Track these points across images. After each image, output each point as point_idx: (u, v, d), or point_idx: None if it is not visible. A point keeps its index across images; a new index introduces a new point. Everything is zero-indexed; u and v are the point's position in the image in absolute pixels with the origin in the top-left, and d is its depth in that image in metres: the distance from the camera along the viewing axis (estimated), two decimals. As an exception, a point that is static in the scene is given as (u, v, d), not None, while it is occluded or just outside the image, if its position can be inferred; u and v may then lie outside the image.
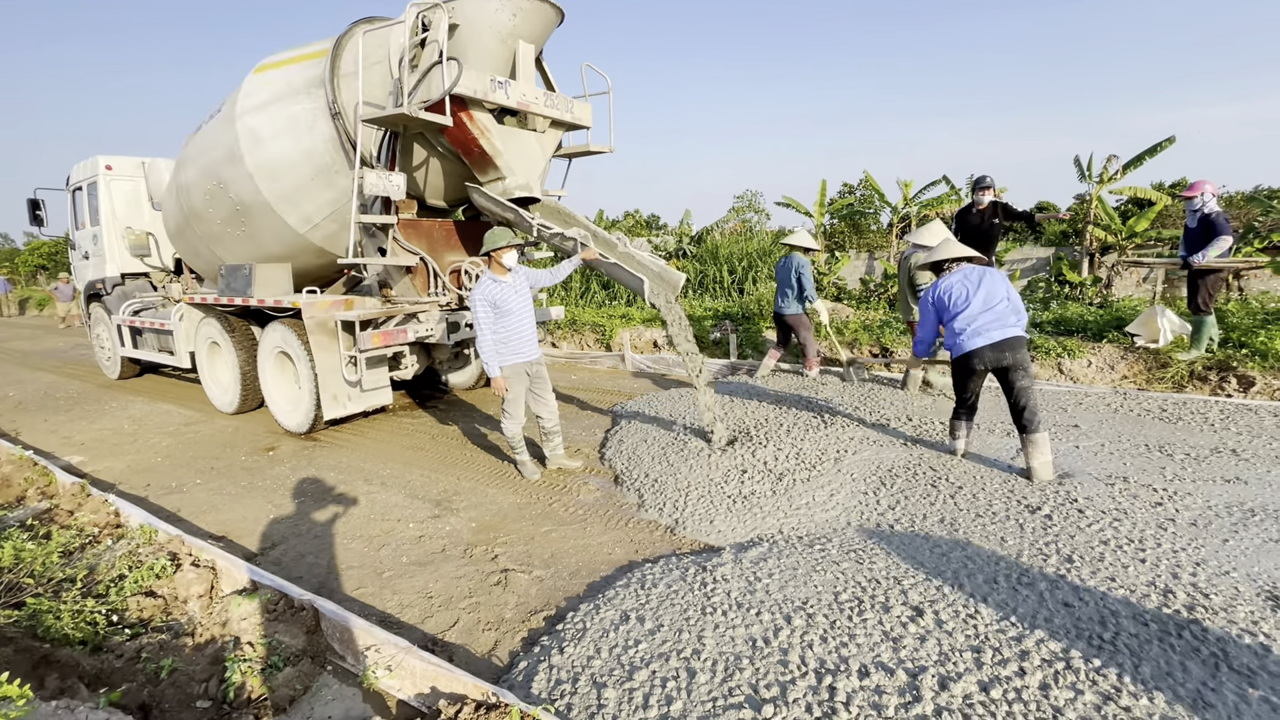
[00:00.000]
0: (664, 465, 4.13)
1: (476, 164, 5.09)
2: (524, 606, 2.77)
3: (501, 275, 3.99)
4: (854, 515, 3.26)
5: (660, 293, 4.56)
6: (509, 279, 4.01)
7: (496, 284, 3.96)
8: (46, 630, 2.30)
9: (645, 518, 3.56)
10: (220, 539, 3.62)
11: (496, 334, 3.97)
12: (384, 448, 5.16)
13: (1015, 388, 3.54)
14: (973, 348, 3.56)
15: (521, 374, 4.14)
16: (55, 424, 6.38)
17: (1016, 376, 3.53)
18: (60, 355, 10.99)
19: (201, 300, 6.37)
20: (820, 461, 3.91)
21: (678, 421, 5.07)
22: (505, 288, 3.97)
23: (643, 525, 3.48)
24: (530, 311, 4.18)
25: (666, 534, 3.34)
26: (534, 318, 4.21)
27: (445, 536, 3.48)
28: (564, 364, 8.56)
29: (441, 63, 4.38)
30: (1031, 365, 3.79)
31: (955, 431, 3.95)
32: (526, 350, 4.12)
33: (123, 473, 4.85)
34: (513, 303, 4.00)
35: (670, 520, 3.45)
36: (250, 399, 6.23)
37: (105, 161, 7.78)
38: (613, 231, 5.34)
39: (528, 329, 4.11)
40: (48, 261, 30.60)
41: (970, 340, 3.56)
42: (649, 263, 4.88)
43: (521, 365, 4.12)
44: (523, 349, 4.10)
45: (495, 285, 3.95)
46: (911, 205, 16.35)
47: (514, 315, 4.01)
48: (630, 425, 5.18)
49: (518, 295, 4.05)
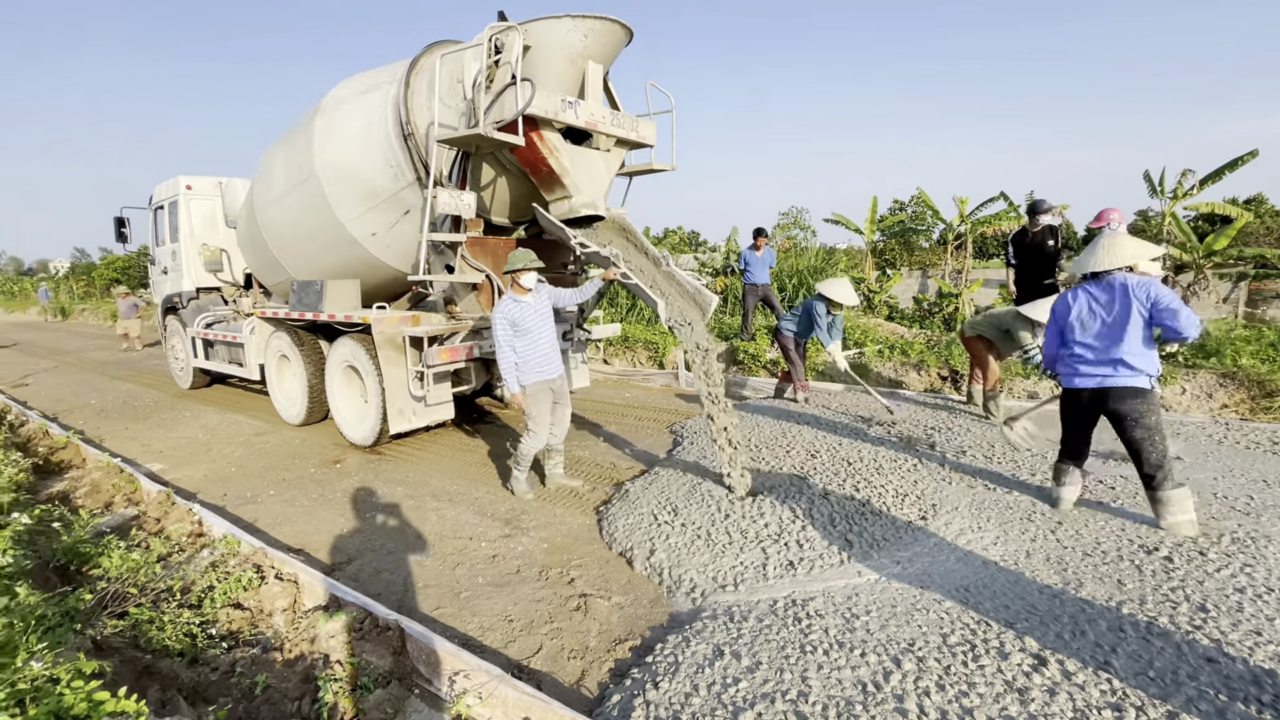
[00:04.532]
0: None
1: (544, 182, 5.13)
2: (607, 635, 2.69)
3: (521, 295, 4.07)
4: (950, 551, 3.08)
5: (683, 314, 4.42)
6: (529, 299, 4.08)
7: (516, 304, 4.03)
8: (149, 641, 2.33)
9: (721, 544, 3.45)
10: (298, 551, 3.66)
11: (517, 352, 4.04)
12: (447, 463, 5.19)
13: (1127, 437, 3.12)
14: (1075, 386, 3.21)
15: (546, 391, 4.17)
16: (135, 431, 6.65)
17: (1128, 426, 3.09)
18: (135, 365, 11.54)
19: (273, 314, 6.58)
20: (908, 493, 3.74)
21: (751, 442, 4.94)
22: (525, 307, 4.04)
23: (719, 552, 3.37)
24: (552, 330, 4.23)
25: (756, 571, 3.22)
26: (556, 336, 4.27)
27: (519, 557, 3.44)
28: (615, 381, 8.53)
29: (515, 84, 4.45)
30: (1151, 412, 3.05)
31: (1061, 476, 3.44)
32: (548, 368, 4.16)
33: (200, 481, 4.99)
34: (532, 321, 4.05)
35: (756, 557, 3.32)
36: (316, 411, 6.38)
37: (186, 181, 8.18)
38: (661, 248, 5.28)
39: (548, 347, 4.16)
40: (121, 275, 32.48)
41: (1075, 376, 3.21)
42: (686, 283, 4.77)
43: (545, 383, 4.15)
44: (544, 367, 4.13)
45: (515, 305, 4.02)
46: (967, 222, 15.89)
47: (533, 334, 4.07)
48: (694, 446, 5.07)
49: (537, 314, 4.10)
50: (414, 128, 5.15)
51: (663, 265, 5.04)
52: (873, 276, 16.73)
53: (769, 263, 9.32)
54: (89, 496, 4.56)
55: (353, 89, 5.66)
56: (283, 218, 6.10)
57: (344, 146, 5.42)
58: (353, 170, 5.42)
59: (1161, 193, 13.63)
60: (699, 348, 4.27)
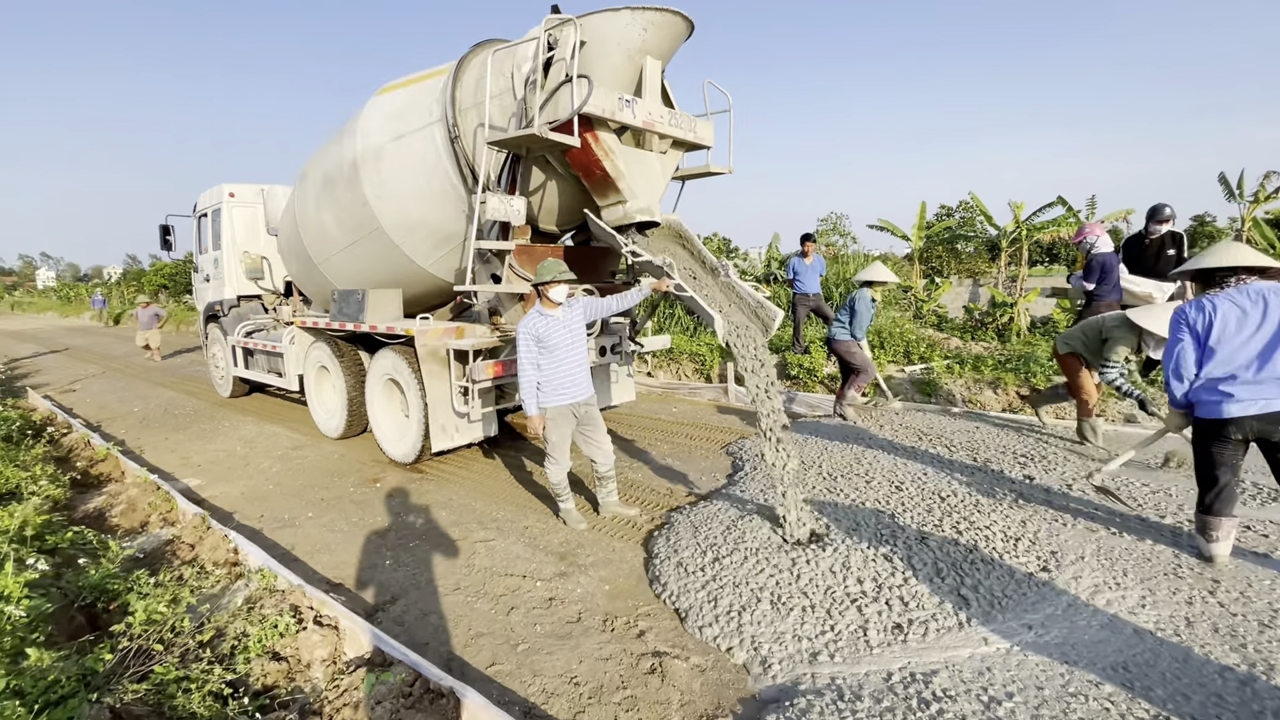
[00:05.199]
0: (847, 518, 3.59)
1: (597, 187, 4.80)
2: (691, 709, 2.31)
3: (550, 309, 3.70)
4: (1089, 614, 2.62)
5: (742, 333, 3.98)
6: (558, 313, 3.71)
7: (543, 318, 3.67)
8: (174, 708, 2.04)
9: (806, 592, 3.03)
10: (337, 586, 3.38)
11: (541, 370, 3.68)
12: (492, 484, 4.88)
13: None
14: (1229, 415, 2.70)
15: (567, 416, 3.79)
16: (175, 442, 6.53)
17: None
18: (178, 372, 11.62)
19: (313, 324, 6.39)
20: (1019, 536, 3.28)
21: (823, 469, 4.52)
22: (552, 322, 3.68)
23: (805, 602, 2.95)
24: (582, 348, 3.84)
25: (854, 635, 2.80)
26: (585, 355, 3.87)
27: (578, 601, 3.08)
28: (660, 394, 8.16)
29: (571, 80, 4.14)
30: None
31: (1212, 530, 2.89)
32: (574, 390, 3.76)
33: (238, 500, 4.77)
34: (559, 338, 3.68)
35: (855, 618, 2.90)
36: (355, 424, 6.16)
37: (229, 189, 8.12)
38: (720, 257, 4.87)
39: (576, 366, 3.77)
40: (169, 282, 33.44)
41: (1226, 402, 2.71)
42: (747, 295, 4.36)
43: (567, 407, 3.77)
44: (568, 389, 3.74)
45: (541, 319, 3.66)
46: (1023, 228, 15.10)
47: (559, 351, 3.69)
48: (757, 473, 4.67)
49: (566, 330, 3.72)
50: (460, 130, 4.89)
51: (721, 276, 4.66)
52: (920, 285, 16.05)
53: (819, 270, 8.85)
54: (125, 515, 4.36)
55: (397, 89, 5.43)
56: (322, 225, 5.92)
57: (386, 150, 5.20)
58: (396, 175, 5.20)
59: (1241, 196, 12.74)
60: (761, 373, 3.83)
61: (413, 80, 5.38)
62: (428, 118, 5.05)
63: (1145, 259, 5.91)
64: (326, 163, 5.81)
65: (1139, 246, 5.97)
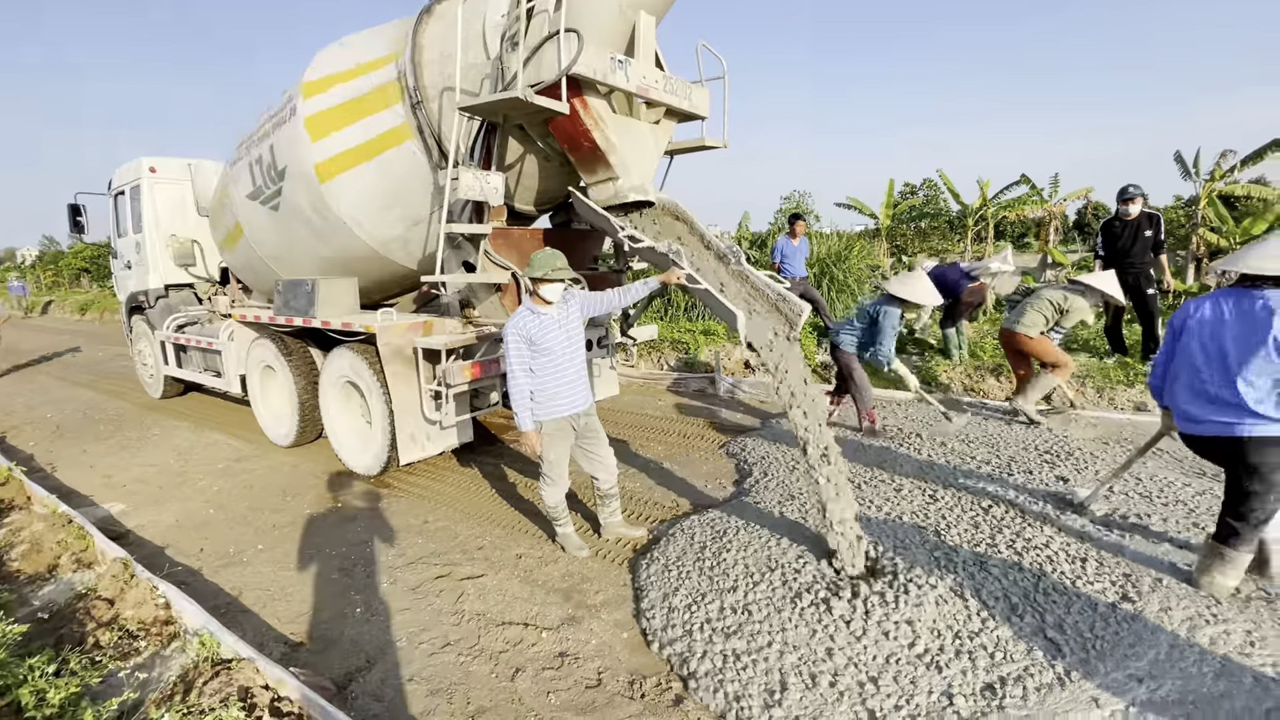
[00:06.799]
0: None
1: (584, 161, 4.20)
2: (759, 810, 1.87)
3: (542, 307, 3.17)
4: (1196, 657, 2.30)
5: (767, 331, 3.45)
6: (552, 311, 3.18)
7: (534, 316, 3.14)
8: None
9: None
10: (298, 647, 2.80)
11: (533, 377, 3.16)
12: (473, 500, 4.32)
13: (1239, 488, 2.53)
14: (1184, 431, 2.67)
15: (565, 430, 3.28)
16: (94, 455, 5.70)
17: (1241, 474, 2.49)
18: (99, 369, 10.45)
19: (254, 319, 5.62)
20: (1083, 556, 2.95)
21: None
22: (546, 321, 3.15)
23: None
24: (581, 351, 3.30)
25: (938, 702, 2.41)
26: (584, 358, 3.34)
27: (595, 655, 2.61)
28: (642, 386, 7.68)
29: (559, 35, 3.53)
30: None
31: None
32: (573, 400, 3.24)
33: (171, 530, 4.08)
34: (553, 339, 3.15)
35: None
36: (309, 431, 5.47)
37: (149, 164, 7.11)
38: (724, 240, 4.33)
39: (574, 373, 3.24)
40: (90, 265, 30.84)
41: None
42: (764, 286, 3.84)
43: (566, 420, 3.25)
44: (566, 398, 3.22)
45: (532, 318, 3.14)
46: (989, 206, 15.13)
47: (554, 355, 3.16)
48: (769, 480, 4.26)
49: (562, 330, 3.19)
50: (424, 94, 4.23)
51: (731, 263, 4.16)
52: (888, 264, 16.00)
53: (804, 252, 8.47)
54: (28, 558, 3.62)
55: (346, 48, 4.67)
56: (263, 207, 5.14)
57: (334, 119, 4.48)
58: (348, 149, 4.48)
59: (1196, 174, 12.98)
60: (801, 393, 3.27)
61: (364, 39, 4.66)
62: (381, 82, 4.35)
63: (1122, 242, 5.91)
64: (264, 138, 5.00)
65: (1111, 228, 5.99)
